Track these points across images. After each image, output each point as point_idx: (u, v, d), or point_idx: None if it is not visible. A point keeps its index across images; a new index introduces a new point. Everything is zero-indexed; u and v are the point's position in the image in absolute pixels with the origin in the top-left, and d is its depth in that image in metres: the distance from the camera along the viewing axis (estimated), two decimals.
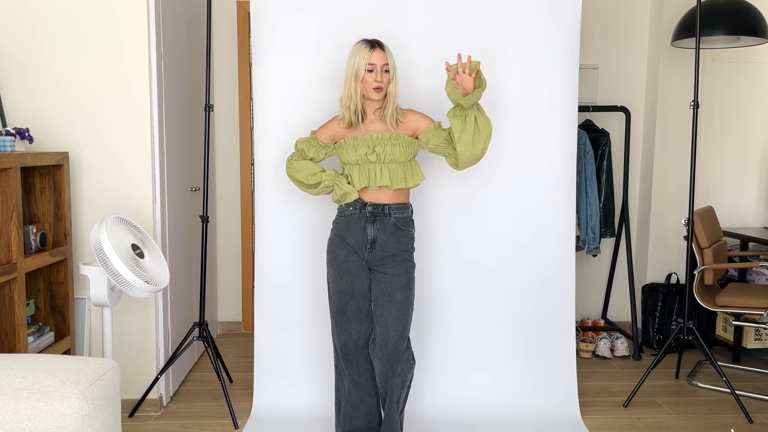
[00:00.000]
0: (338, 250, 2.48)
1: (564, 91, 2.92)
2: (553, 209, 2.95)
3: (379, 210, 2.45)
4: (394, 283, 2.44)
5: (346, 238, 2.47)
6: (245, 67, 4.11)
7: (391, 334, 2.43)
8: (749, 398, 3.21)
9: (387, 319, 2.43)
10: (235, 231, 4.27)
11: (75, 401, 1.55)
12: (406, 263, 2.48)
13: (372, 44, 2.41)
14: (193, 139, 3.56)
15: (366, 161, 2.42)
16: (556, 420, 2.89)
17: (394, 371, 2.44)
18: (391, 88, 2.44)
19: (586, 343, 3.81)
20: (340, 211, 2.52)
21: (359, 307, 2.49)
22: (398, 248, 2.46)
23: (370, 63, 2.38)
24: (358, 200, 2.46)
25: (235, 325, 4.34)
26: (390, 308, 2.43)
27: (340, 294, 2.49)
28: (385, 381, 2.47)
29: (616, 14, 4.13)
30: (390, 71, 2.42)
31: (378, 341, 2.45)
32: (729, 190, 4.15)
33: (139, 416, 2.94)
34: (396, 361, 2.44)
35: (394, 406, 2.48)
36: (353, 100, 2.43)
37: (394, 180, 2.43)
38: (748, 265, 3.32)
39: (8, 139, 2.46)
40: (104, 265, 2.46)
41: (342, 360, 2.54)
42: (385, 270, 2.45)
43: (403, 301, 2.44)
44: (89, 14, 2.82)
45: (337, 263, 2.49)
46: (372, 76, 2.39)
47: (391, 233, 2.45)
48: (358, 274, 2.47)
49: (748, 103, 4.09)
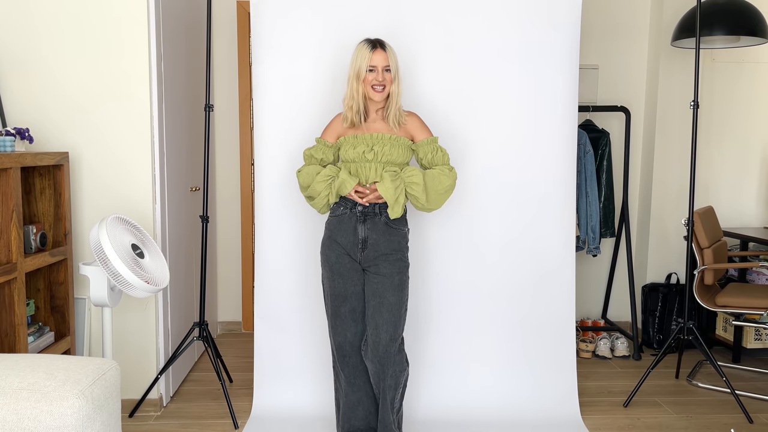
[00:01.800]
0: (330, 251, 2.47)
1: (564, 92, 2.92)
2: (553, 209, 2.95)
3: (369, 209, 2.44)
4: (386, 284, 2.42)
5: (337, 239, 2.46)
6: (245, 67, 4.11)
7: (381, 336, 2.41)
8: (749, 398, 3.21)
9: (378, 320, 2.42)
10: (235, 231, 4.27)
11: (75, 401, 1.55)
12: (399, 263, 2.46)
13: (374, 44, 2.41)
14: (193, 139, 3.56)
15: (363, 159, 2.42)
16: (556, 420, 2.89)
17: (385, 373, 2.43)
18: (394, 89, 2.43)
19: (586, 343, 3.81)
20: (331, 212, 2.51)
21: (353, 309, 2.48)
22: (390, 248, 2.44)
23: (371, 64, 2.38)
24: (350, 200, 2.46)
25: (235, 325, 4.33)
26: (381, 310, 2.42)
27: (333, 296, 2.48)
28: (378, 382, 2.46)
29: (616, 14, 4.13)
30: (392, 71, 2.41)
31: (369, 343, 2.44)
32: (729, 190, 4.15)
33: (139, 416, 2.94)
34: (387, 363, 2.42)
35: (388, 407, 2.48)
36: (355, 100, 2.43)
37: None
38: (748, 265, 3.32)
39: (8, 139, 2.46)
40: (104, 265, 2.46)
41: (338, 361, 2.54)
42: (378, 270, 2.44)
43: (394, 303, 2.43)
44: (89, 14, 2.82)
45: (329, 265, 2.48)
46: (373, 76, 2.39)
47: (383, 232, 2.44)
48: (350, 276, 2.46)
49: (747, 103, 4.09)
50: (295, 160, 2.88)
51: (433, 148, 2.49)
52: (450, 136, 2.88)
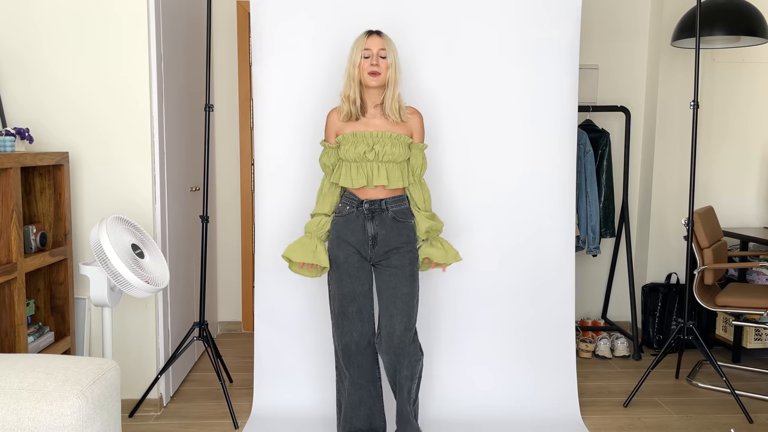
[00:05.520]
0: (338, 251, 2.48)
1: (564, 91, 2.92)
2: (553, 209, 2.95)
3: (376, 206, 2.45)
4: (398, 276, 2.44)
5: (346, 238, 2.46)
6: (245, 67, 4.11)
7: (396, 326, 2.42)
8: (749, 398, 3.21)
9: (392, 311, 2.43)
10: (235, 231, 4.27)
11: (75, 401, 1.55)
12: (410, 255, 2.48)
13: (370, 31, 2.42)
14: (193, 139, 3.56)
15: (364, 159, 2.42)
16: (556, 420, 2.89)
17: (401, 363, 2.44)
18: (391, 75, 2.42)
19: (586, 343, 3.81)
20: (337, 212, 2.51)
21: (360, 309, 2.48)
22: (400, 241, 2.47)
23: (366, 48, 2.39)
24: (354, 198, 2.46)
25: (235, 325, 4.33)
26: (395, 300, 2.43)
27: (341, 296, 2.48)
28: (393, 374, 2.47)
29: (616, 14, 4.13)
30: (388, 58, 2.41)
31: (383, 334, 2.45)
32: (729, 190, 4.15)
33: (139, 416, 2.94)
34: (402, 354, 2.43)
35: (405, 397, 2.48)
36: (352, 89, 2.42)
37: (391, 179, 2.43)
38: (748, 265, 3.32)
39: (8, 139, 2.46)
40: (104, 265, 2.46)
41: (343, 361, 2.54)
42: (389, 263, 2.46)
43: (407, 293, 2.44)
44: (89, 14, 2.82)
45: (336, 265, 2.48)
46: (368, 61, 2.39)
47: (391, 227, 2.46)
48: (359, 275, 2.47)
49: (748, 103, 4.09)
50: (295, 160, 2.88)
51: (422, 157, 2.53)
52: (449, 135, 2.88)
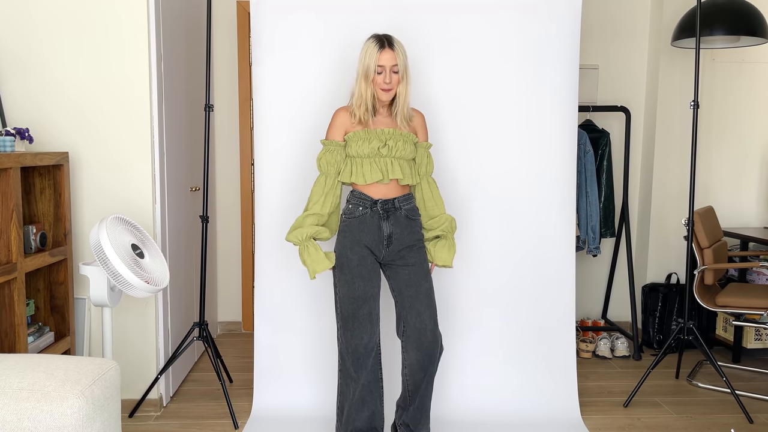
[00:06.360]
0: (351, 254, 2.45)
1: (564, 91, 2.92)
2: (553, 209, 2.95)
3: (389, 205, 2.46)
4: (418, 273, 2.46)
5: (361, 239, 2.45)
6: (245, 67, 4.11)
7: (426, 322, 2.42)
8: (749, 398, 3.21)
9: (419, 308, 2.43)
10: (235, 231, 4.27)
11: (75, 401, 1.55)
12: (422, 251, 2.51)
13: (382, 43, 2.37)
14: (193, 139, 3.56)
15: (378, 154, 2.42)
16: (556, 420, 2.89)
17: (433, 360, 2.43)
18: (401, 89, 2.42)
19: (586, 343, 3.81)
20: (348, 213, 2.48)
21: (370, 311, 2.46)
22: (413, 238, 2.49)
23: (380, 64, 2.37)
24: (367, 198, 2.45)
25: (235, 325, 4.33)
26: (419, 296, 2.44)
27: (353, 299, 2.44)
28: (418, 371, 2.44)
29: (616, 14, 4.13)
30: (400, 72, 2.39)
31: (412, 333, 2.43)
32: (729, 190, 4.15)
33: (139, 416, 2.94)
34: (435, 350, 2.43)
35: (431, 392, 2.50)
36: (363, 99, 2.42)
37: (405, 174, 2.45)
38: (748, 265, 3.32)
39: (8, 139, 2.46)
40: (104, 265, 2.46)
41: (351, 364, 2.48)
42: (405, 261, 2.47)
43: (429, 288, 2.47)
44: (89, 14, 2.82)
45: (349, 268, 2.45)
46: (381, 78, 2.38)
47: (405, 225, 2.48)
48: (371, 278, 2.46)
49: (747, 103, 4.09)
50: (295, 160, 2.88)
51: (427, 155, 2.54)
52: (449, 135, 2.88)
